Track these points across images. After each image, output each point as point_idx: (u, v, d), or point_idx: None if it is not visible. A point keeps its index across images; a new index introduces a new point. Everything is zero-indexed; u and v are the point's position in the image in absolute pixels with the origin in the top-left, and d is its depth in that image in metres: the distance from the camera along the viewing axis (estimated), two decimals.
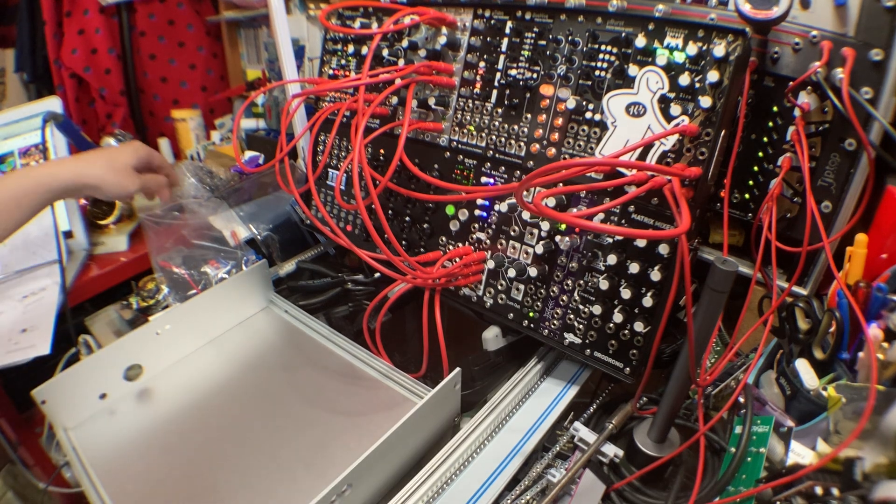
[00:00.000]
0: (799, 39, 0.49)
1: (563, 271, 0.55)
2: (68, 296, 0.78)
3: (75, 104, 1.36)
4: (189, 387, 0.62)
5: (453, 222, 0.63)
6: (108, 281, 0.89)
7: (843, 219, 0.50)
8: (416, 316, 0.62)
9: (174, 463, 0.53)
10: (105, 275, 0.89)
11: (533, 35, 0.56)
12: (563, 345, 0.56)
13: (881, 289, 0.45)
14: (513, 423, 0.54)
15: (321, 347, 0.67)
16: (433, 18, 0.61)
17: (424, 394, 0.57)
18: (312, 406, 0.58)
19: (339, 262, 0.83)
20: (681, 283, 0.40)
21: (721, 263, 0.38)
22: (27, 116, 0.93)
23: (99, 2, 1.30)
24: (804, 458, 0.42)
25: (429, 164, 0.65)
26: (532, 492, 0.47)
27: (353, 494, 0.43)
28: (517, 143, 0.58)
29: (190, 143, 1.35)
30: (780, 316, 0.52)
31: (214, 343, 0.69)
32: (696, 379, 0.43)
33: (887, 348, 0.42)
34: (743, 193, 0.56)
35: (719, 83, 0.45)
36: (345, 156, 0.74)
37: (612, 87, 0.51)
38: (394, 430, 0.45)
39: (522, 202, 0.38)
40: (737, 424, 0.46)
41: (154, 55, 1.42)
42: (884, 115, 0.46)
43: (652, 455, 0.47)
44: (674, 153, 0.47)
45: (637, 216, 0.50)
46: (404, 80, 0.62)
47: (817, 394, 0.45)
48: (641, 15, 0.50)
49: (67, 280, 0.80)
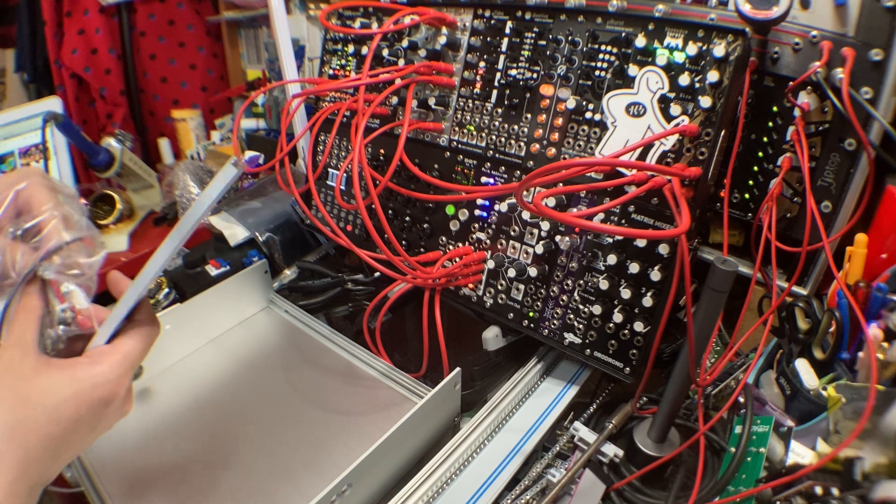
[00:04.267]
0: (799, 39, 0.49)
1: (563, 271, 0.55)
2: None
3: (75, 104, 1.36)
4: (189, 387, 0.62)
5: (453, 222, 0.63)
6: None
7: (843, 219, 0.50)
8: (416, 316, 0.62)
9: (174, 463, 0.53)
10: (105, 275, 0.88)
11: (533, 35, 0.56)
12: (563, 345, 0.56)
13: (881, 289, 0.45)
14: (513, 423, 0.54)
15: (321, 347, 0.67)
16: (433, 18, 0.61)
17: (424, 394, 0.57)
18: (312, 406, 0.58)
19: (339, 262, 0.83)
20: (681, 283, 0.40)
21: (721, 263, 0.38)
22: (27, 116, 0.93)
23: (99, 2, 1.30)
24: (804, 458, 0.42)
25: (429, 164, 0.65)
26: (532, 492, 0.47)
27: (353, 494, 0.43)
28: (517, 143, 0.58)
29: (190, 143, 1.35)
30: (780, 316, 0.52)
31: (214, 343, 0.69)
32: (696, 379, 0.43)
33: (887, 348, 0.42)
34: (743, 193, 0.56)
35: (719, 83, 0.45)
36: (345, 156, 0.74)
37: (612, 87, 0.51)
38: (394, 430, 0.45)
39: (522, 202, 0.38)
40: (737, 424, 0.46)
41: (154, 55, 1.43)
42: (884, 115, 0.46)
43: (652, 455, 0.47)
44: (674, 153, 0.47)
45: (637, 216, 0.50)
46: (404, 80, 0.62)
47: (817, 394, 0.45)
48: (641, 15, 0.50)
49: None
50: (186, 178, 1.07)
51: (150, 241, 1.07)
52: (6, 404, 0.31)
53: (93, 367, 0.35)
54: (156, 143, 1.37)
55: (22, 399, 0.32)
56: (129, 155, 1.06)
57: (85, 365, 0.35)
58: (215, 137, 1.36)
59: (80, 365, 0.35)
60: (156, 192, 1.16)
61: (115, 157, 1.01)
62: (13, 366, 0.32)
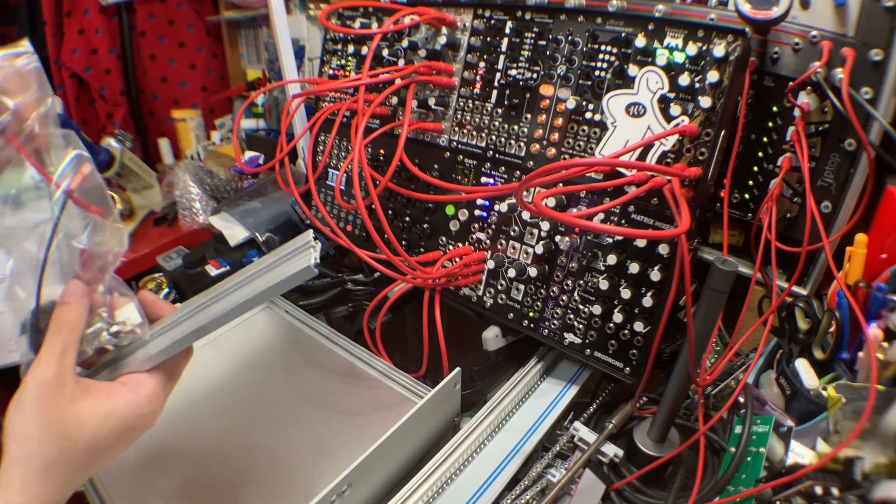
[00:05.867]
0: (799, 39, 0.49)
1: (563, 271, 0.55)
2: None
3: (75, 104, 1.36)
4: (189, 387, 0.62)
5: (453, 222, 0.63)
6: None
7: (842, 219, 0.50)
8: (416, 316, 0.62)
9: (173, 463, 0.53)
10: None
11: (533, 35, 0.56)
12: (563, 345, 0.56)
13: (881, 289, 0.45)
14: (513, 422, 0.54)
15: (321, 347, 0.67)
16: (433, 18, 0.61)
17: (424, 394, 0.57)
18: (312, 406, 0.58)
19: (339, 262, 0.83)
20: (681, 283, 0.40)
21: (721, 263, 0.38)
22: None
23: (99, 2, 1.30)
24: (804, 458, 0.42)
25: (429, 165, 0.65)
26: (532, 492, 0.47)
27: (353, 494, 0.43)
28: (517, 143, 0.58)
29: (190, 143, 1.35)
30: (780, 316, 0.52)
31: (214, 343, 0.69)
32: (696, 379, 0.43)
33: (887, 348, 0.42)
34: (743, 193, 0.56)
35: (719, 83, 0.45)
36: (345, 156, 0.74)
37: (611, 87, 0.51)
38: (394, 430, 0.45)
39: (522, 202, 0.38)
40: (737, 424, 0.46)
41: (154, 55, 1.43)
42: (883, 115, 0.46)
43: (652, 455, 0.47)
44: (674, 153, 0.47)
45: (637, 216, 0.50)
46: (404, 80, 0.62)
47: (817, 394, 0.45)
48: (641, 15, 0.50)
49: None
50: (186, 178, 1.07)
51: (150, 241, 1.07)
52: (48, 436, 0.32)
53: (132, 397, 0.35)
54: (156, 143, 1.37)
55: (61, 431, 0.32)
56: (129, 155, 1.07)
57: (125, 395, 0.35)
58: (215, 137, 1.36)
59: (119, 395, 0.35)
60: (156, 192, 1.16)
61: (115, 157, 1.02)
62: (53, 395, 0.33)
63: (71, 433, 0.33)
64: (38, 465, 0.32)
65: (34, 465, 0.32)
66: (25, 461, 0.31)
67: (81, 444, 0.33)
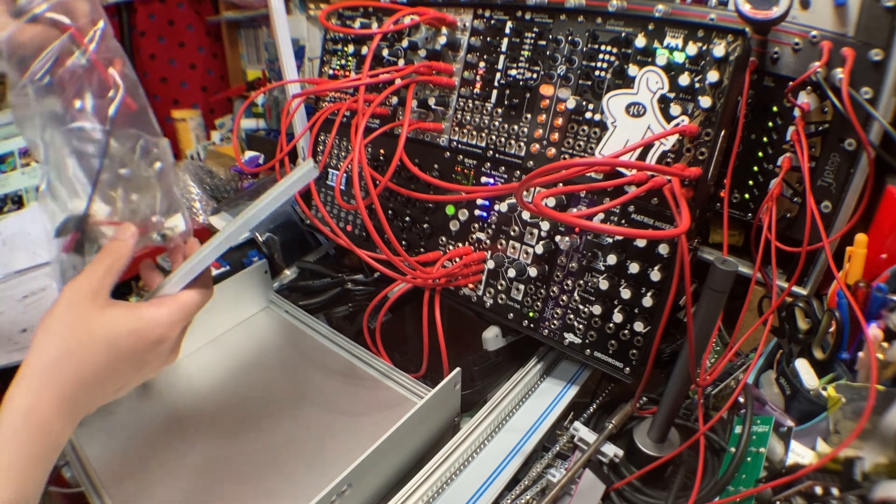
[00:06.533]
0: (799, 39, 0.49)
1: (563, 271, 0.55)
2: None
3: None
4: (189, 387, 0.62)
5: (453, 222, 0.63)
6: None
7: (842, 219, 0.50)
8: (416, 316, 0.62)
9: (174, 463, 0.53)
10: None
11: (533, 35, 0.56)
12: (563, 345, 0.56)
13: (881, 289, 0.45)
14: (513, 423, 0.54)
15: (321, 347, 0.67)
16: (433, 18, 0.61)
17: (424, 394, 0.57)
18: (312, 406, 0.58)
19: (339, 262, 0.83)
20: (681, 283, 0.40)
21: (721, 263, 0.38)
22: None
23: None
24: (804, 458, 0.42)
25: (429, 164, 0.65)
26: (532, 492, 0.47)
27: (353, 494, 0.43)
28: (517, 143, 0.58)
29: (190, 143, 1.35)
30: (780, 316, 0.52)
31: (215, 343, 0.69)
32: (696, 379, 0.43)
33: (887, 348, 0.42)
34: (743, 193, 0.56)
35: (719, 83, 0.45)
36: (345, 156, 0.74)
37: (611, 87, 0.51)
38: (394, 430, 0.45)
39: (522, 202, 0.38)
40: (737, 424, 0.46)
41: (154, 55, 1.43)
42: (883, 115, 0.46)
43: (652, 455, 0.47)
44: (674, 153, 0.47)
45: (637, 216, 0.50)
46: (404, 80, 0.62)
47: (817, 394, 0.45)
48: (641, 15, 0.50)
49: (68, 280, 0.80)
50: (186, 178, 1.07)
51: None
52: (70, 329, 0.35)
53: (156, 310, 0.39)
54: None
55: (84, 327, 0.36)
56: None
57: (148, 307, 0.39)
58: (215, 137, 1.36)
59: (143, 307, 0.39)
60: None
61: None
62: (84, 300, 0.36)
63: (93, 329, 0.36)
64: (56, 353, 0.34)
65: (51, 353, 0.34)
66: (44, 349, 0.34)
67: (102, 343, 0.36)
